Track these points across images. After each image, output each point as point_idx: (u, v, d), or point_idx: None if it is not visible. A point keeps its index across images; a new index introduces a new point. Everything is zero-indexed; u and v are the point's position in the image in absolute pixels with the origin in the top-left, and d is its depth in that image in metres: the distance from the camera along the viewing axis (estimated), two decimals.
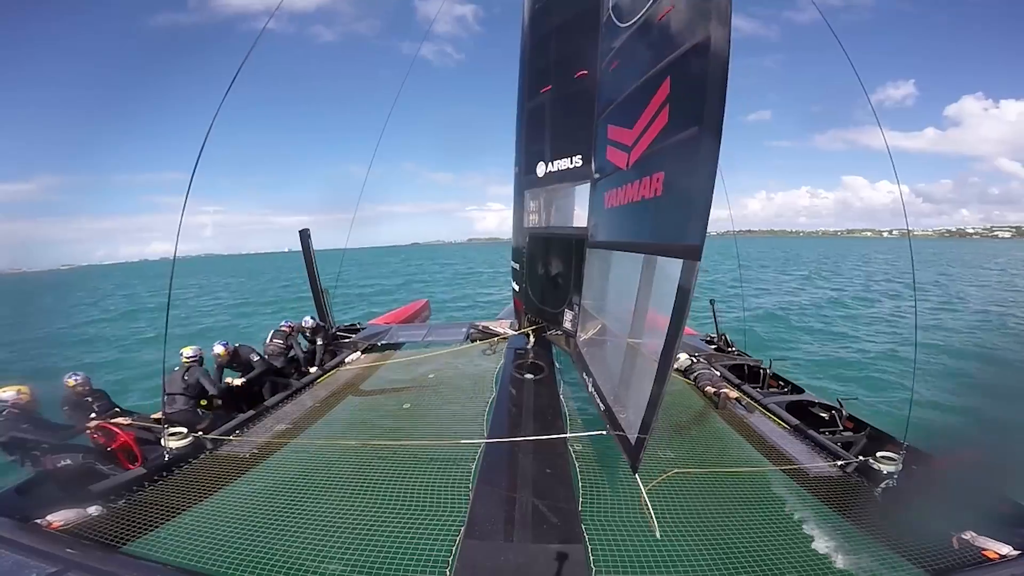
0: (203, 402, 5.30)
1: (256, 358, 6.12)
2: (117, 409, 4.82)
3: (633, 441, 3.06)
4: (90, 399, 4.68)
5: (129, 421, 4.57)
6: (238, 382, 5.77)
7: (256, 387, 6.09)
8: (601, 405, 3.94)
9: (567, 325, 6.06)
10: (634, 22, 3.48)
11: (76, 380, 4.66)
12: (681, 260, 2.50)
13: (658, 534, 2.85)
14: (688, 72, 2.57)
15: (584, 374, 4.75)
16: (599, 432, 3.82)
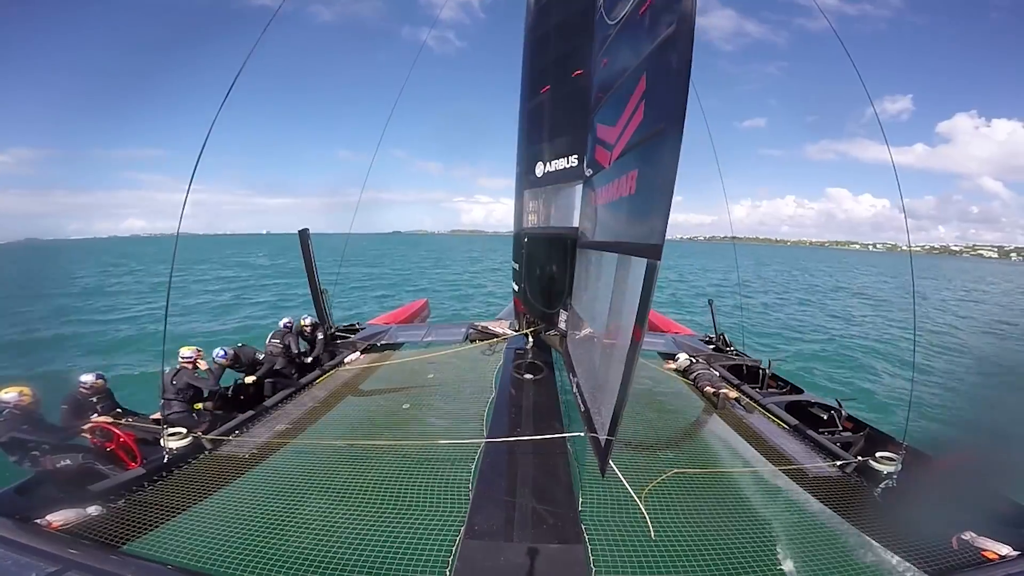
0: (197, 405, 5.28)
1: (261, 356, 6.18)
2: (119, 410, 4.79)
3: (603, 443, 2.99)
4: (95, 399, 4.65)
5: (126, 421, 4.55)
6: (250, 380, 5.78)
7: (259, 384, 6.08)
8: (582, 407, 3.91)
9: (561, 326, 6.04)
10: (620, 18, 3.42)
11: (91, 380, 4.63)
12: (645, 260, 2.43)
13: (656, 534, 2.85)
14: (659, 67, 2.52)
15: (571, 375, 4.70)
16: (591, 434, 3.81)
